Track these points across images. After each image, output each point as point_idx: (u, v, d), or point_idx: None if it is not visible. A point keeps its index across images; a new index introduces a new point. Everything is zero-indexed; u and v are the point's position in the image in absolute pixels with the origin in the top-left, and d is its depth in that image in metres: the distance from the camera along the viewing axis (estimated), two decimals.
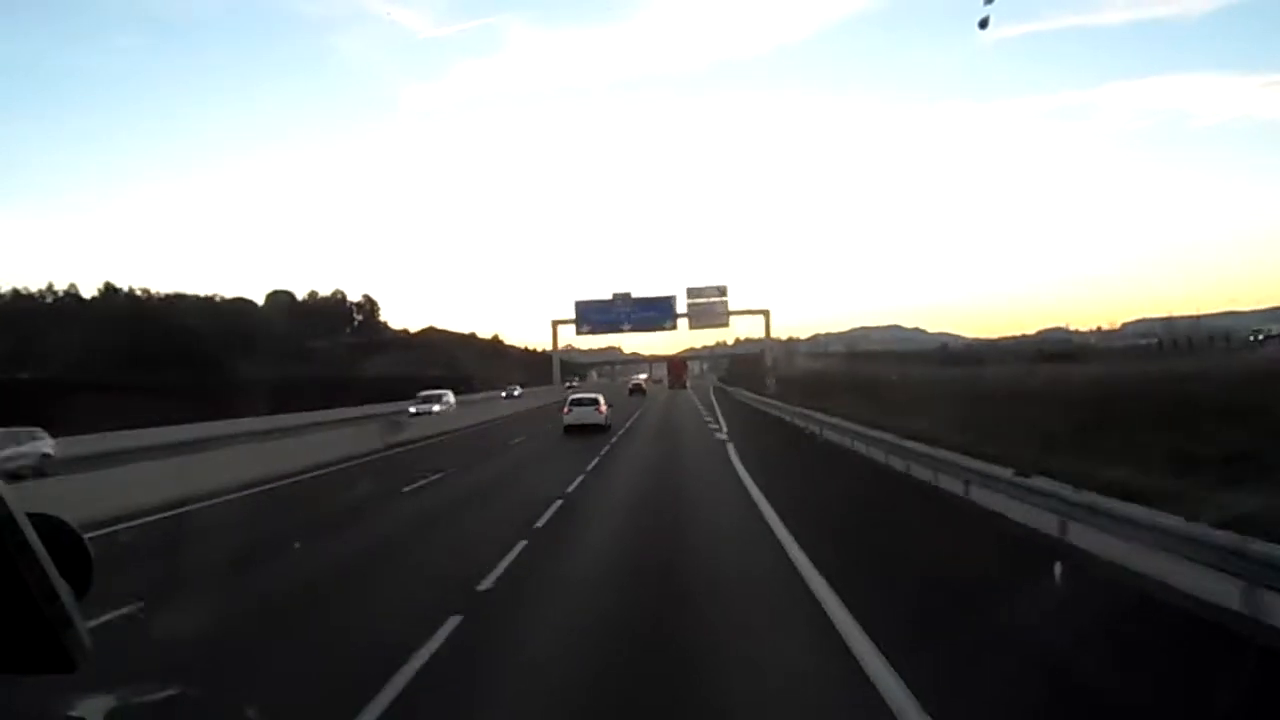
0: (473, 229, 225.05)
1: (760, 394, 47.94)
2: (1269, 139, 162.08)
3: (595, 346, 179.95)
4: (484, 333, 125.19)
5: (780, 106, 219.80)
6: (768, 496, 13.12)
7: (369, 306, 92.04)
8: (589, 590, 8.06)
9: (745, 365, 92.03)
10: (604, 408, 31.49)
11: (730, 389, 64.64)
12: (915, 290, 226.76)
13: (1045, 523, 8.75)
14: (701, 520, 11.95)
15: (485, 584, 8.02)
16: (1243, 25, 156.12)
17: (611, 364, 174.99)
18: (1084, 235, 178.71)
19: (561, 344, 71.15)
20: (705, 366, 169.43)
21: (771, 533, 10.29)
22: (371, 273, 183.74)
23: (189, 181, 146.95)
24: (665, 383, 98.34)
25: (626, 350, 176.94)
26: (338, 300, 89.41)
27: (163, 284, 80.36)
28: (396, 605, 7.68)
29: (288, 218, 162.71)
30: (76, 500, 13.15)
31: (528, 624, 6.85)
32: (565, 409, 31.61)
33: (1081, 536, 8.01)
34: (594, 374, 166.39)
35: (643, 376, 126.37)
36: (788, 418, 30.35)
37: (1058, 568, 7.31)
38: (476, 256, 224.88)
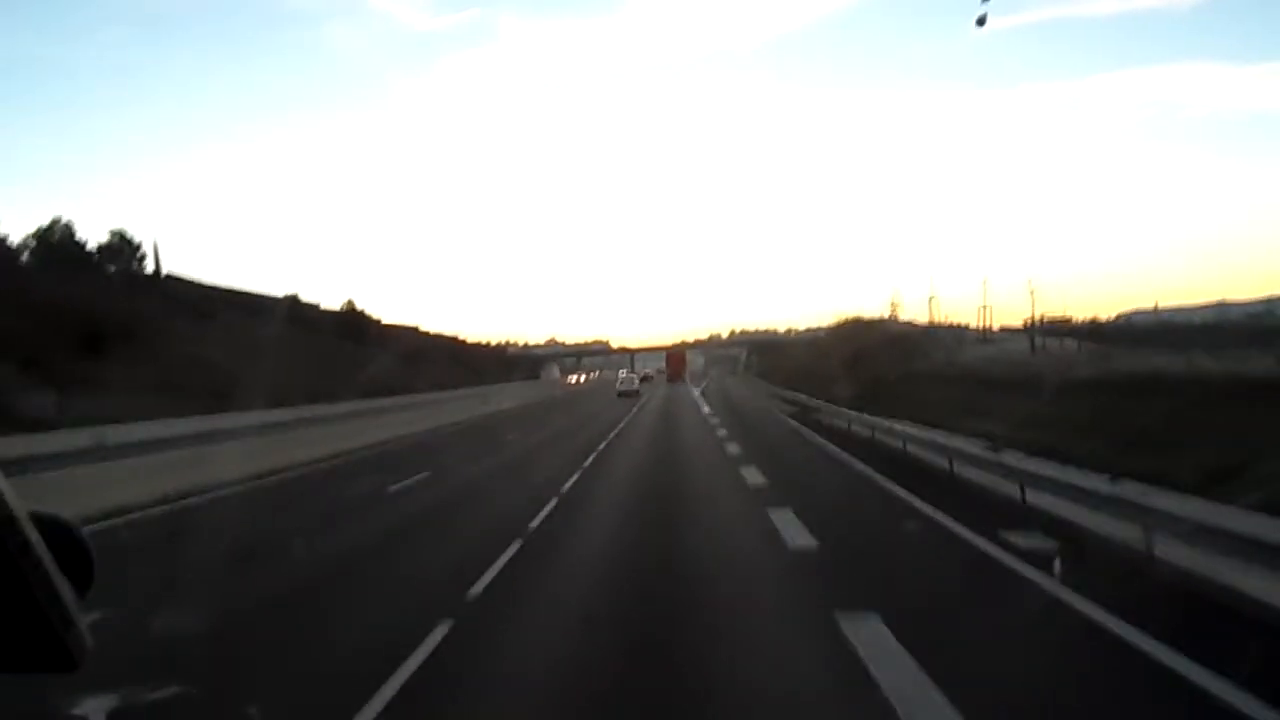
0: (468, 224, 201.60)
1: None
2: (1263, 128, 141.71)
3: (582, 339, 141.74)
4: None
5: (775, 97, 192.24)
6: None
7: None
8: None
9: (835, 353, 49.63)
10: (638, 382, 60.27)
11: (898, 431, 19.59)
12: (904, 283, 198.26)
13: None
14: None
15: None
16: (1236, 14, 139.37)
17: (577, 355, 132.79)
18: (1078, 226, 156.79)
19: None
20: (702, 360, 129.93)
21: None
22: (363, 269, 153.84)
23: (174, 173, 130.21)
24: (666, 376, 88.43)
25: (615, 344, 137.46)
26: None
27: None
28: None
29: (279, 212, 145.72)
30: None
31: None
32: (618, 383, 59.27)
33: None
34: (555, 369, 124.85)
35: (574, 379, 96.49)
36: None
37: None
38: (475, 255, 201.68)
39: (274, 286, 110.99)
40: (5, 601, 0.89)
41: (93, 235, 49.13)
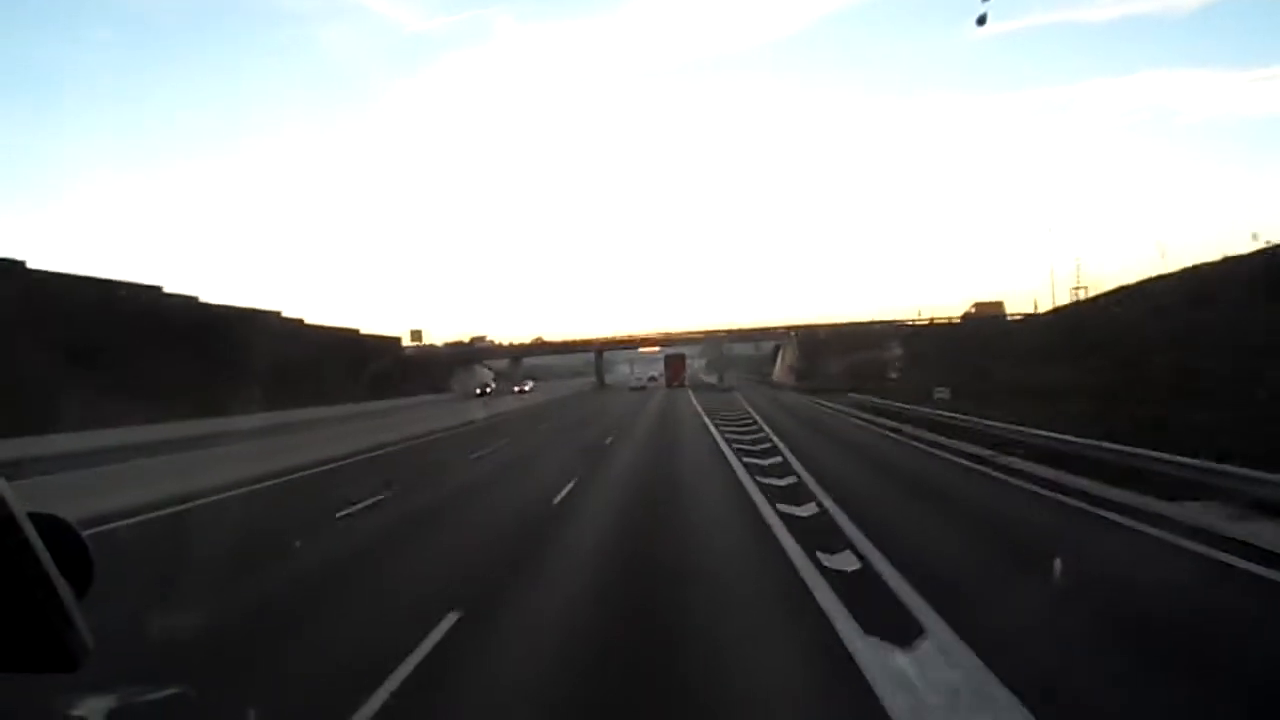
0: (467, 228, 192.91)
1: None
2: (1258, 134, 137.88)
3: (570, 338, 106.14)
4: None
5: (770, 100, 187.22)
6: None
7: None
8: None
9: None
10: (648, 382, 68.23)
11: None
12: (894, 285, 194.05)
13: None
14: None
15: None
16: (1231, 20, 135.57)
17: (514, 356, 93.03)
18: (1072, 231, 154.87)
19: None
20: (702, 362, 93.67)
21: None
22: (351, 277, 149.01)
23: (166, 177, 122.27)
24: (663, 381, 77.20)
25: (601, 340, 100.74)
26: None
27: None
28: None
29: (271, 217, 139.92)
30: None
31: None
32: (631, 381, 68.80)
33: None
34: (486, 372, 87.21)
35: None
36: None
37: None
38: (467, 258, 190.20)
39: (274, 303, 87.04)
40: (5, 601, 0.87)
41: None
